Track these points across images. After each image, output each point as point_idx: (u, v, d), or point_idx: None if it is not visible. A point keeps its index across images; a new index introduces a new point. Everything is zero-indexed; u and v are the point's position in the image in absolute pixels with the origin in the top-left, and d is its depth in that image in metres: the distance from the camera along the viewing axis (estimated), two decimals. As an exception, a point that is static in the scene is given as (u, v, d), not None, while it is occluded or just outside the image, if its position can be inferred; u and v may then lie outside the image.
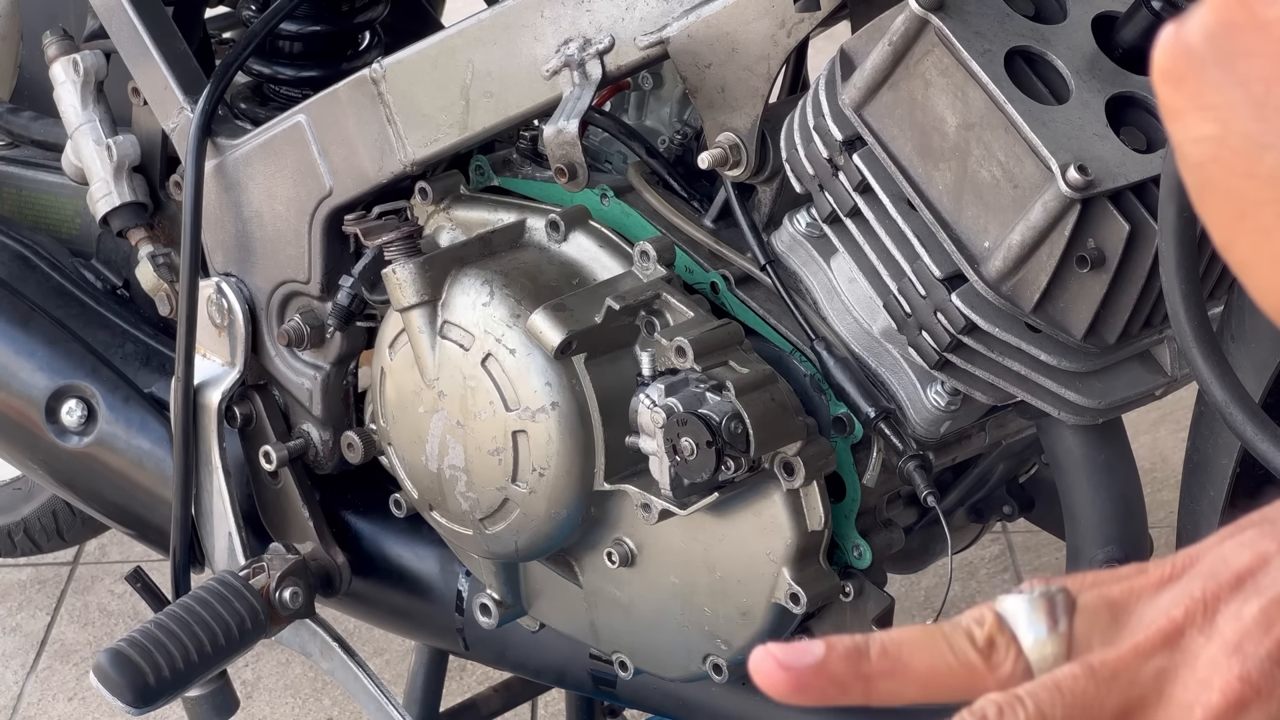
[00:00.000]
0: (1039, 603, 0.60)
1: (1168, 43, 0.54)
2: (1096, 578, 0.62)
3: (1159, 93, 0.54)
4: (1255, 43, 0.52)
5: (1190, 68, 0.53)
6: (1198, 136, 0.54)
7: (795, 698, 0.60)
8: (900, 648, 0.60)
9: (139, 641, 1.66)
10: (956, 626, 0.61)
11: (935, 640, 0.60)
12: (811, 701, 0.61)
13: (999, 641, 0.60)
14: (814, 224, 1.46)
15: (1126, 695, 0.58)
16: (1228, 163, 0.53)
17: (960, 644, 0.60)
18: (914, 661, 0.60)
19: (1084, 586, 0.61)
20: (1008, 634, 0.60)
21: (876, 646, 0.60)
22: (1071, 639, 0.60)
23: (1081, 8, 1.35)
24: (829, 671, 0.60)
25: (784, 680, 0.60)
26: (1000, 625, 0.60)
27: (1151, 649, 0.59)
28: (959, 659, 0.60)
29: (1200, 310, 1.15)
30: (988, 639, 0.60)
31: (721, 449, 1.39)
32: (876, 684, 0.60)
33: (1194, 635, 0.58)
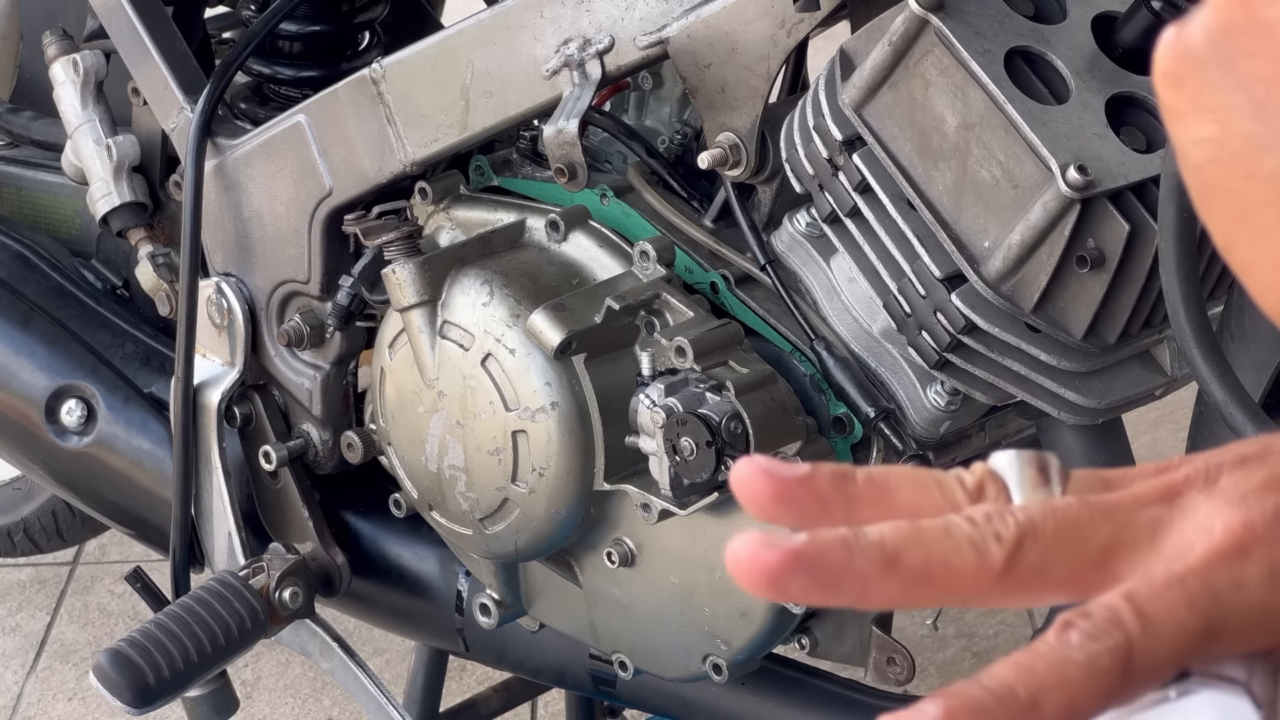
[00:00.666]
0: (1032, 460, 0.59)
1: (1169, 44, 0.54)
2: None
3: (1160, 94, 0.55)
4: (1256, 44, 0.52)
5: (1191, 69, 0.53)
6: (1199, 138, 0.54)
7: (775, 510, 0.57)
8: (887, 478, 0.59)
9: (139, 641, 1.66)
10: (946, 473, 0.60)
11: (923, 479, 0.59)
12: (790, 520, 0.57)
13: (989, 486, 0.59)
14: (814, 224, 1.46)
15: (1118, 534, 0.56)
16: (1229, 164, 0.54)
17: (949, 485, 0.59)
18: (900, 493, 0.58)
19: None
20: (999, 481, 0.59)
21: (863, 473, 0.59)
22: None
23: (1081, 8, 1.36)
24: (814, 486, 0.57)
25: (767, 488, 0.57)
26: (991, 474, 0.59)
27: (1149, 499, 0.57)
28: (946, 498, 0.58)
29: (1200, 310, 1.15)
30: (977, 484, 0.59)
31: (721, 449, 1.39)
32: (860, 509, 0.58)
33: (1194, 495, 0.57)
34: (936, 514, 0.57)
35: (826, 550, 0.55)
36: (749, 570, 0.55)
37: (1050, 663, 0.53)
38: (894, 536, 0.55)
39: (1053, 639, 0.53)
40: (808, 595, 0.55)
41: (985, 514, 0.56)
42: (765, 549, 0.54)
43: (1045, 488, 0.58)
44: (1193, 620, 0.54)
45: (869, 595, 0.55)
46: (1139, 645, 0.53)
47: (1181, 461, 0.59)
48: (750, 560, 0.55)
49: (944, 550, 0.55)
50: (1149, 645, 0.53)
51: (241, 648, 1.71)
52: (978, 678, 0.53)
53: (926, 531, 0.56)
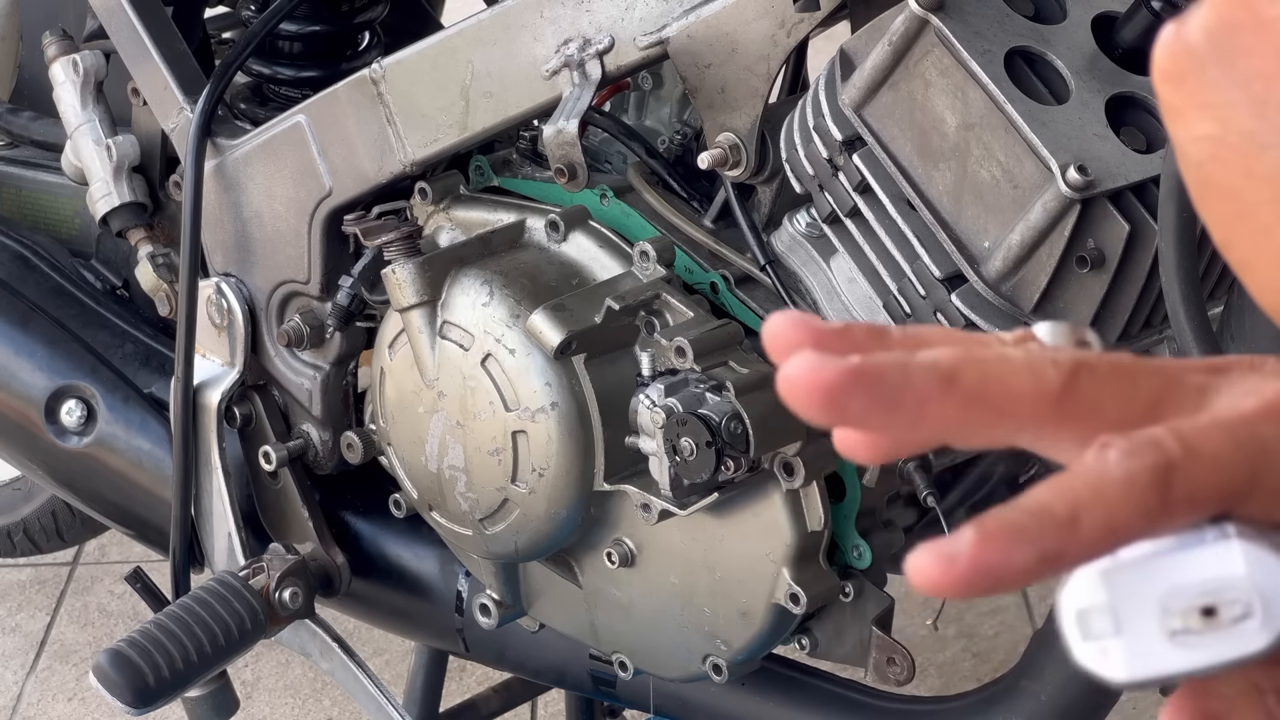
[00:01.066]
0: (1073, 330, 0.58)
1: (1168, 41, 0.54)
2: None
3: (1159, 91, 0.55)
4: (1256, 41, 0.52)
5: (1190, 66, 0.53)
6: (1197, 135, 0.54)
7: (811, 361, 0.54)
8: (921, 334, 0.57)
9: (139, 642, 1.66)
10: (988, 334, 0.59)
11: (960, 337, 0.57)
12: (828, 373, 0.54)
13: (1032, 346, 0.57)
14: (814, 224, 1.46)
15: (1164, 392, 0.55)
16: (1227, 162, 0.54)
17: (989, 341, 0.57)
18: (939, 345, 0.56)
19: None
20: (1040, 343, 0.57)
21: (899, 329, 0.57)
22: None
23: (1081, 8, 1.36)
24: (851, 336, 0.55)
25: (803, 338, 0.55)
26: (1031, 334, 0.58)
27: (1196, 368, 0.56)
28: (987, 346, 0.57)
29: (1200, 310, 1.15)
30: (1019, 340, 0.57)
31: (721, 449, 1.39)
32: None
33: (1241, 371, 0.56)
34: None
35: (884, 367, 0.53)
36: (807, 388, 0.52)
37: (1087, 480, 0.52)
38: (950, 357, 0.54)
39: (1091, 459, 0.52)
40: (866, 416, 0.53)
41: (1040, 347, 0.55)
42: (822, 365, 0.52)
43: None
44: (1235, 458, 0.53)
45: (927, 415, 0.54)
46: (1179, 466, 0.52)
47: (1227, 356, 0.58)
48: (808, 378, 0.52)
49: (1001, 373, 0.54)
50: (1189, 469, 0.52)
51: (241, 648, 1.71)
52: (1016, 499, 0.51)
53: (982, 354, 0.54)
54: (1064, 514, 0.51)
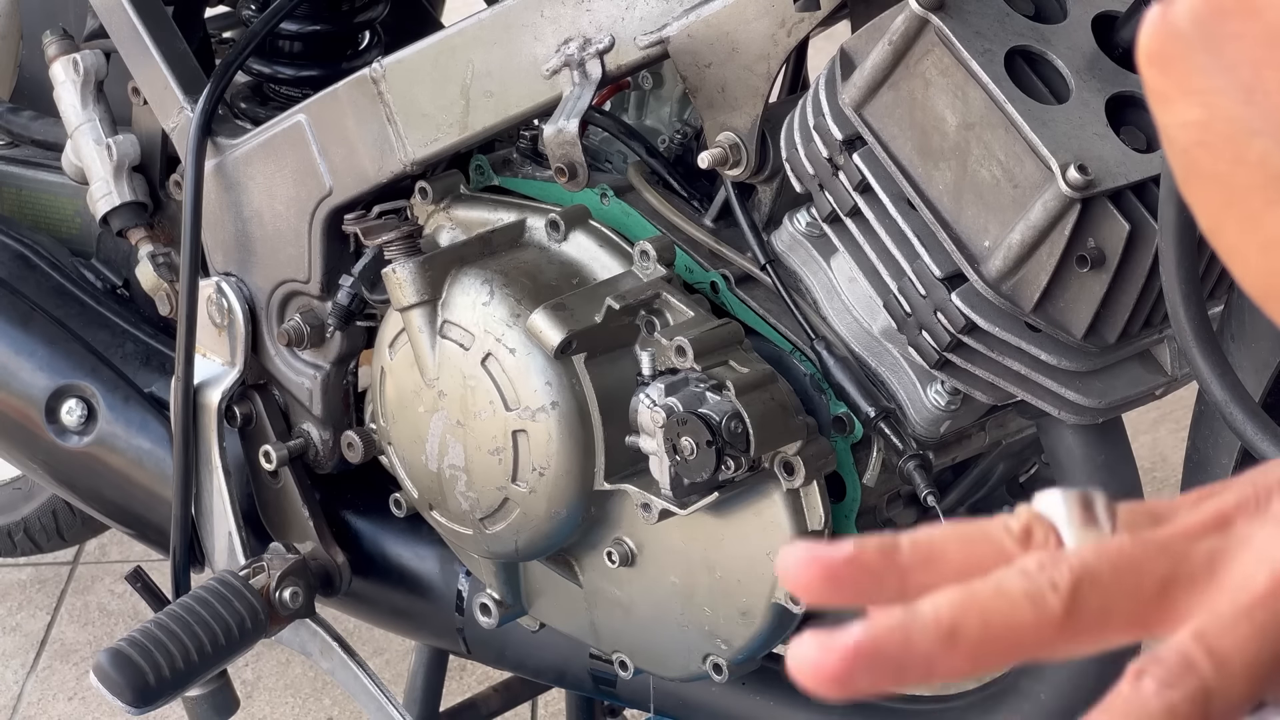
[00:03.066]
0: (1077, 499, 0.58)
1: (1154, 25, 0.53)
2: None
3: (1144, 76, 0.54)
4: (1243, 26, 0.51)
5: (1177, 51, 0.53)
6: (1184, 121, 0.53)
7: (828, 592, 0.56)
8: (933, 540, 0.57)
9: (139, 641, 1.66)
10: (992, 521, 0.58)
11: (970, 533, 0.58)
12: (845, 599, 0.56)
13: (1037, 530, 0.57)
14: (814, 224, 1.46)
15: (1175, 569, 0.55)
16: (1215, 148, 0.53)
17: (996, 533, 0.57)
18: (949, 552, 0.57)
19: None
20: (1046, 523, 0.57)
21: (907, 540, 0.57)
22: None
23: (1081, 7, 1.35)
24: (862, 563, 0.56)
25: (817, 574, 0.56)
26: (1038, 516, 0.58)
27: (1202, 530, 0.56)
28: (994, 549, 0.57)
29: (1200, 310, 1.15)
30: (1024, 528, 0.57)
31: (721, 449, 1.39)
32: (911, 575, 0.57)
33: (1245, 522, 0.56)
34: (988, 567, 0.56)
35: (884, 639, 0.54)
36: (814, 677, 0.54)
37: (1128, 713, 0.52)
38: (949, 608, 0.54)
39: (1127, 689, 0.52)
40: (875, 686, 0.54)
41: (1038, 563, 0.55)
42: (825, 653, 0.54)
43: (1094, 526, 0.57)
44: (1264, 652, 0.53)
45: (935, 672, 0.54)
46: (1215, 687, 0.52)
47: (1226, 487, 0.58)
48: (814, 667, 0.54)
49: (1001, 610, 0.54)
50: (1225, 686, 0.53)
51: (241, 648, 1.71)
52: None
53: (980, 594, 0.55)
54: None
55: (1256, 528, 0.56)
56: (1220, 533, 0.56)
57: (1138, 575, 0.55)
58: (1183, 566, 0.56)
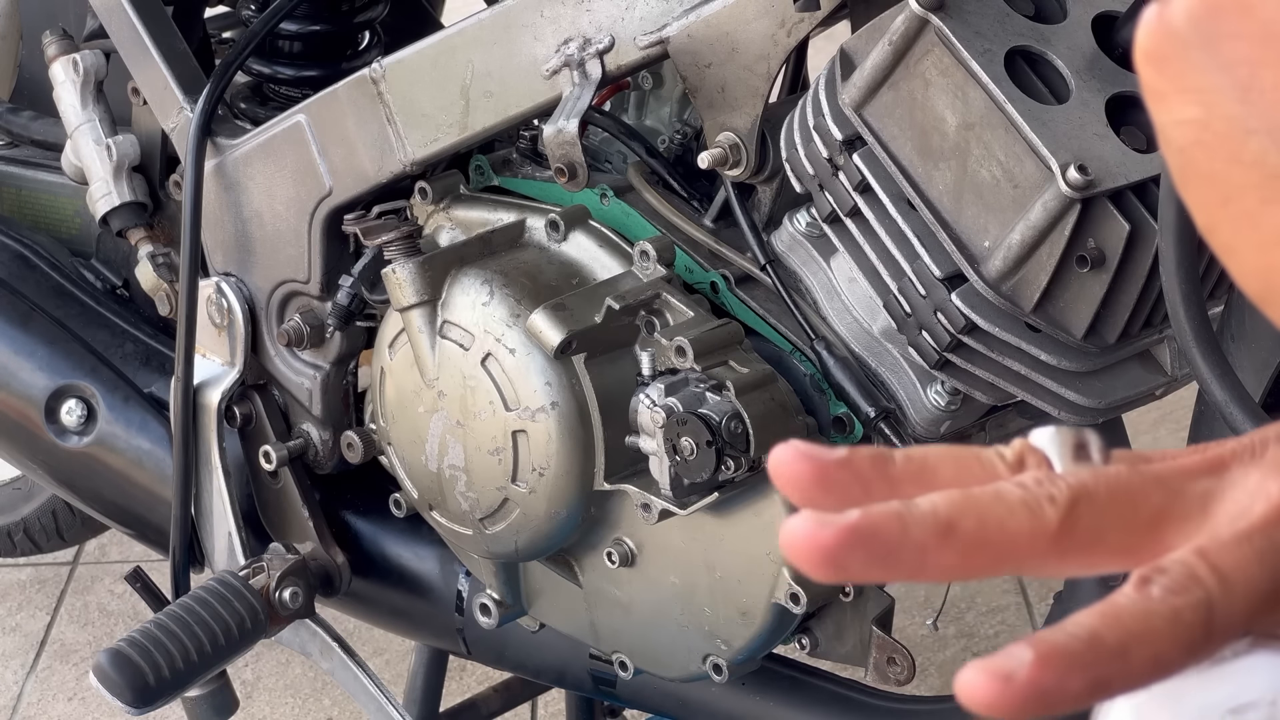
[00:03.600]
0: (1071, 434, 0.58)
1: (1150, 23, 0.53)
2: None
3: (1142, 74, 0.54)
4: (1240, 25, 0.51)
5: (1173, 49, 0.53)
6: (1181, 119, 0.53)
7: (816, 494, 0.56)
8: (926, 457, 0.58)
9: (139, 641, 1.66)
10: (985, 449, 0.59)
11: (963, 455, 0.58)
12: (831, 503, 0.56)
13: (1029, 460, 0.58)
14: (814, 224, 1.46)
15: (1169, 501, 0.56)
16: (1211, 146, 0.53)
17: (989, 459, 0.58)
18: (940, 470, 0.58)
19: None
20: (1039, 454, 0.58)
21: (902, 454, 0.58)
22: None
23: (1081, 7, 1.35)
24: (854, 467, 0.57)
25: (807, 471, 0.56)
26: (1031, 449, 0.58)
27: (1198, 470, 0.57)
28: (986, 472, 0.57)
29: (1200, 310, 1.15)
30: (1018, 457, 0.58)
31: (721, 449, 1.39)
32: (902, 488, 0.57)
33: (1241, 468, 0.57)
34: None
35: (881, 523, 0.54)
36: (808, 550, 0.54)
37: (1135, 614, 0.52)
38: (946, 505, 0.54)
39: (1133, 592, 0.53)
40: (867, 571, 0.54)
41: (1036, 478, 0.56)
42: (821, 527, 0.53)
43: (1086, 463, 0.58)
44: (1263, 577, 0.53)
45: (928, 566, 0.54)
46: (1218, 601, 0.53)
47: (1224, 441, 0.58)
48: (808, 540, 0.53)
49: (998, 514, 0.54)
50: (1227, 601, 0.53)
51: (241, 648, 1.71)
52: (1062, 625, 0.52)
53: (978, 497, 0.55)
54: (1115, 645, 0.52)
55: (1252, 470, 0.56)
56: (1215, 475, 0.57)
57: (1132, 503, 0.56)
58: (1176, 501, 0.56)
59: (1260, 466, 0.57)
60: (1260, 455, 0.57)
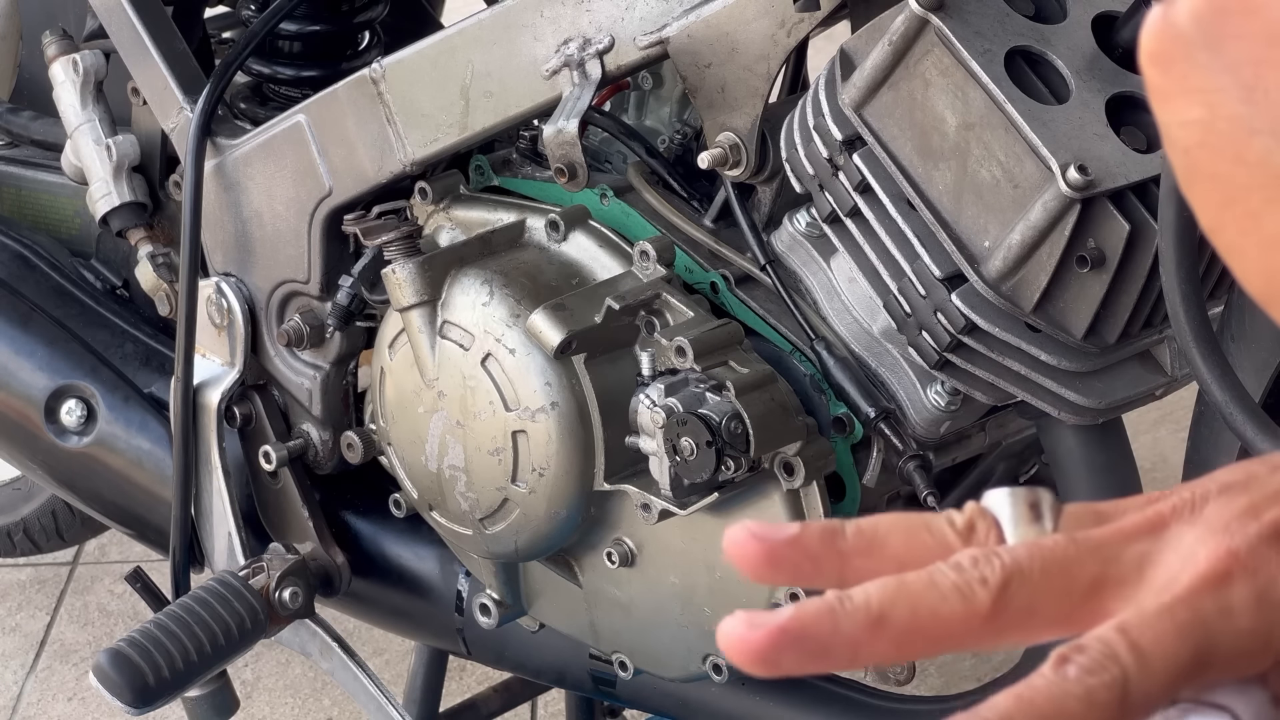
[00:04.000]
0: (1023, 496, 0.59)
1: (1155, 24, 0.54)
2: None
3: (1146, 75, 0.54)
4: (1244, 25, 0.51)
5: (1178, 50, 0.53)
6: (1185, 120, 0.53)
7: (769, 571, 0.58)
8: (876, 529, 0.59)
9: (139, 641, 1.66)
10: (936, 514, 0.60)
11: (913, 523, 0.59)
12: (785, 579, 0.58)
13: (979, 525, 0.59)
14: (814, 224, 1.46)
15: (1105, 569, 0.57)
16: (1216, 147, 0.53)
17: (939, 526, 0.59)
18: (890, 541, 0.59)
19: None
20: (989, 519, 0.59)
21: (852, 526, 0.59)
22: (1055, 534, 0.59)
23: (1081, 8, 1.35)
24: (804, 545, 0.58)
25: (758, 552, 0.58)
26: (981, 511, 0.59)
27: (1136, 532, 0.58)
28: (936, 540, 0.59)
29: (1200, 310, 1.15)
30: (968, 522, 0.59)
31: (721, 449, 1.39)
32: (852, 561, 0.58)
33: (1179, 526, 0.58)
34: (929, 558, 0.57)
35: (812, 621, 0.55)
36: (739, 652, 0.55)
37: (1049, 696, 0.53)
38: (879, 595, 0.56)
39: (1050, 673, 0.54)
40: (802, 666, 0.55)
41: (972, 558, 0.57)
42: (751, 629, 0.55)
43: (1037, 524, 0.59)
44: (1184, 649, 0.55)
45: (861, 656, 0.56)
46: (1134, 678, 0.54)
47: (1168, 493, 0.59)
48: (739, 642, 0.55)
49: (930, 601, 0.56)
50: (1144, 677, 0.54)
51: (241, 648, 1.71)
52: (977, 708, 0.53)
53: (911, 584, 0.56)
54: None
55: (1187, 530, 0.57)
56: (1153, 536, 0.58)
57: (1068, 574, 0.57)
58: (1113, 567, 0.57)
59: (1196, 526, 0.57)
60: (1199, 511, 0.58)
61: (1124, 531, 0.58)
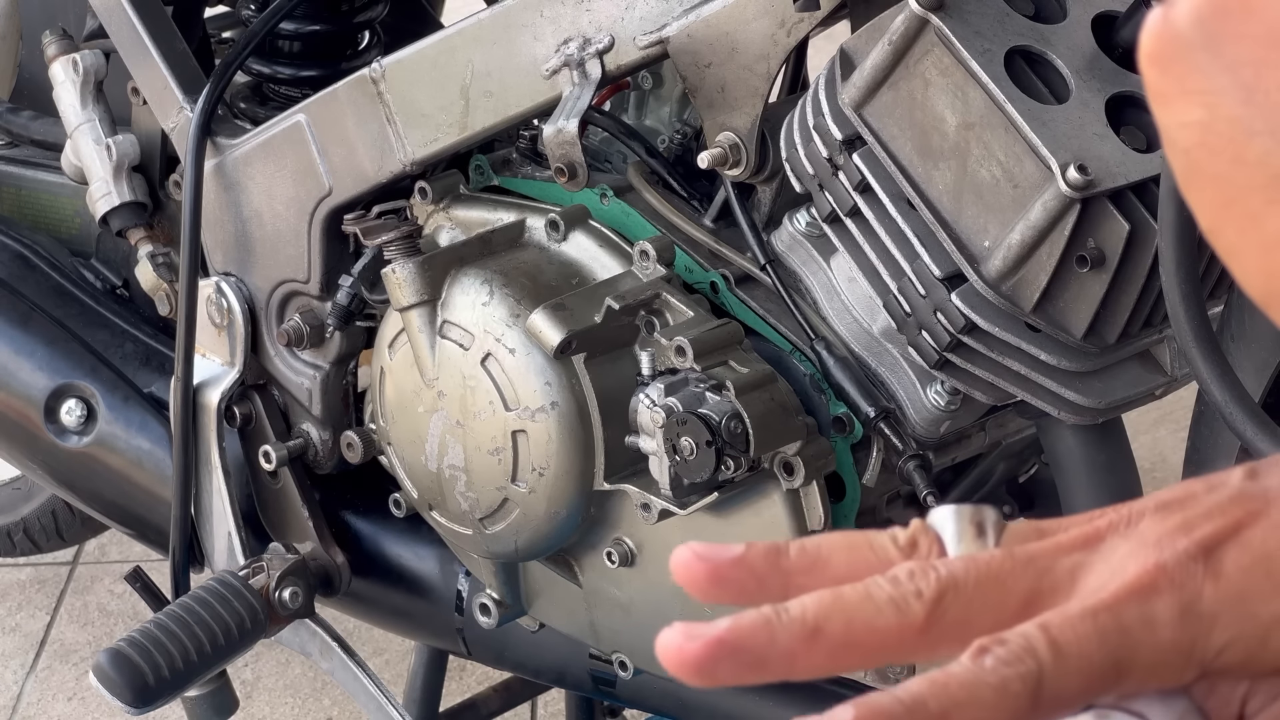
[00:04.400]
0: (967, 514, 0.60)
1: (1155, 26, 0.54)
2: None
3: (1146, 76, 0.54)
4: (1244, 26, 0.51)
5: (1178, 51, 0.53)
6: (1185, 121, 0.54)
7: (714, 591, 0.59)
8: (820, 547, 0.60)
9: (139, 641, 1.66)
10: (880, 532, 0.61)
11: (856, 541, 0.61)
12: (730, 599, 0.59)
13: (921, 542, 0.60)
14: (814, 223, 1.46)
15: (1039, 580, 0.58)
16: (1215, 148, 0.53)
17: (881, 543, 0.60)
18: (834, 559, 0.60)
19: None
20: (931, 535, 0.60)
21: (796, 545, 0.60)
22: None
23: (1081, 7, 1.35)
24: (748, 565, 0.59)
25: (703, 573, 0.59)
26: (925, 529, 0.61)
27: (1071, 546, 0.59)
28: (879, 557, 0.60)
29: (1200, 310, 1.15)
30: (910, 539, 0.60)
31: (721, 449, 1.39)
32: (795, 579, 0.60)
33: (1114, 539, 0.59)
34: (871, 574, 0.59)
35: (747, 633, 0.56)
36: (677, 663, 0.56)
37: (963, 682, 0.54)
38: (815, 608, 0.57)
39: (968, 661, 0.55)
40: (738, 676, 0.56)
41: (908, 571, 0.58)
42: (688, 640, 0.56)
43: (980, 540, 0.60)
44: (1102, 653, 0.56)
45: (797, 668, 0.57)
46: (1049, 673, 0.55)
47: (1108, 510, 0.60)
48: (676, 653, 0.56)
49: (866, 614, 0.57)
50: (1059, 674, 0.55)
51: (241, 648, 1.71)
52: (892, 689, 0.54)
53: (847, 597, 0.57)
54: (936, 710, 0.54)
55: (1120, 543, 0.59)
56: (1088, 549, 0.59)
57: (1001, 587, 0.58)
58: (1046, 579, 0.58)
59: (1129, 540, 0.59)
60: (1134, 526, 0.59)
61: (1060, 545, 0.59)
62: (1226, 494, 0.59)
